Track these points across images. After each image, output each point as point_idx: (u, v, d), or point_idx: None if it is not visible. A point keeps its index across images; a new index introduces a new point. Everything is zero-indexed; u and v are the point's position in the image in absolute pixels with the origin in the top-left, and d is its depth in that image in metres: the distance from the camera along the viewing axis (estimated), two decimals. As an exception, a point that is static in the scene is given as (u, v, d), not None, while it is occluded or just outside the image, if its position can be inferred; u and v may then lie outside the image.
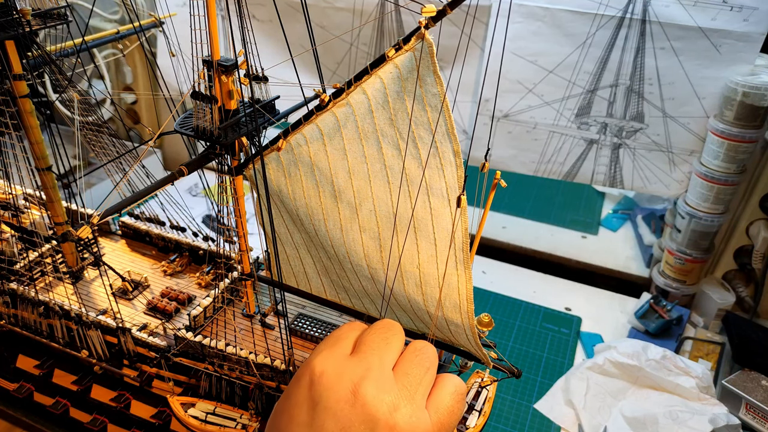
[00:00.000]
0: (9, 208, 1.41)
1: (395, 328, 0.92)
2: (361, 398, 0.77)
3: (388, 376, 0.82)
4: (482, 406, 1.14)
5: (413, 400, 0.80)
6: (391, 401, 0.78)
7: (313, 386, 0.80)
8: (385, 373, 0.82)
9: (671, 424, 1.63)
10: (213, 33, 0.95)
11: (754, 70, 1.89)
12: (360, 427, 0.75)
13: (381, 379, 0.80)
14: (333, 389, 0.79)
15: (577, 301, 2.26)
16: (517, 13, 2.04)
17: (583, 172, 2.27)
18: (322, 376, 0.81)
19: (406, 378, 0.83)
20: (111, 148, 1.46)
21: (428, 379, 0.85)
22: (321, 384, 0.80)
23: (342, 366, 0.82)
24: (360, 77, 0.92)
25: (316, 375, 0.81)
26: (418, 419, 0.78)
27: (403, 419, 0.77)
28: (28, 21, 1.16)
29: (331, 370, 0.81)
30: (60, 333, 1.34)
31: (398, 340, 0.89)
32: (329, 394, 0.78)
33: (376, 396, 0.77)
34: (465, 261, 0.96)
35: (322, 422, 0.77)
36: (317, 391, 0.79)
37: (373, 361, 0.83)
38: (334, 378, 0.80)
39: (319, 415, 0.77)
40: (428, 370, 0.86)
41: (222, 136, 1.04)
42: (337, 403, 0.77)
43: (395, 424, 0.76)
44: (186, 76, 1.11)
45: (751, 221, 2.08)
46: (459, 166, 0.91)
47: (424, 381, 0.84)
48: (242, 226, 1.19)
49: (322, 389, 0.79)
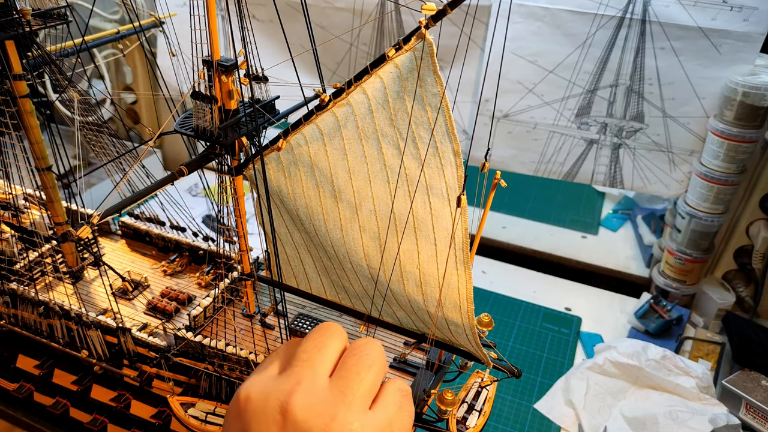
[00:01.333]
0: (9, 208, 1.41)
1: (331, 330, 0.82)
2: (291, 416, 0.69)
3: (320, 385, 0.73)
4: (482, 406, 1.14)
5: (351, 404, 0.71)
6: (325, 411, 0.70)
7: (241, 415, 0.73)
8: (318, 383, 0.73)
9: (671, 424, 1.63)
10: (213, 33, 0.95)
11: (754, 70, 1.89)
12: None
13: (312, 390, 0.72)
14: (260, 413, 0.71)
15: (577, 301, 2.26)
16: (517, 13, 2.04)
17: (583, 172, 2.27)
18: (248, 402, 0.73)
19: (343, 381, 0.74)
20: (111, 148, 1.46)
21: (371, 378, 0.76)
22: (248, 411, 0.72)
23: (268, 386, 0.74)
24: (360, 77, 0.92)
25: (241, 402, 0.74)
26: (361, 426, 0.70)
27: (342, 428, 0.69)
28: (28, 21, 1.16)
29: (256, 393, 0.73)
30: (60, 333, 1.34)
31: (335, 343, 0.80)
32: (257, 420, 0.71)
33: (307, 409, 0.69)
34: (465, 261, 0.96)
35: None
36: (245, 420, 0.72)
37: (303, 373, 0.74)
38: (260, 401, 0.72)
39: None
40: (370, 368, 0.76)
41: (222, 136, 1.04)
42: (267, 428, 0.70)
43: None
44: (186, 76, 1.11)
45: (751, 221, 2.08)
46: (459, 166, 0.91)
47: (365, 381, 0.75)
48: (242, 226, 1.19)
49: (250, 416, 0.72)
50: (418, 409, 1.15)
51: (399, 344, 1.29)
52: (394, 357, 1.25)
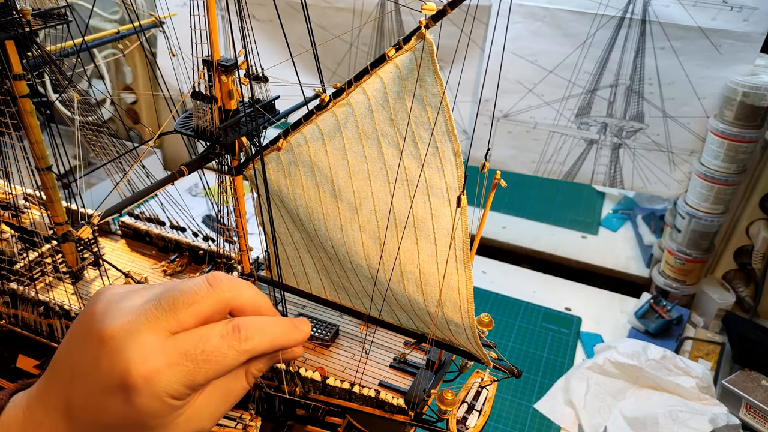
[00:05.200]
0: (9, 208, 1.40)
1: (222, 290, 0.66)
2: (78, 319, 0.63)
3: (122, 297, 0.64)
4: (482, 406, 1.14)
5: (138, 311, 0.61)
6: (101, 309, 0.62)
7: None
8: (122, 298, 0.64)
9: (671, 424, 1.63)
10: (213, 33, 0.95)
11: (754, 70, 1.89)
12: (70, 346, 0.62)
13: (111, 300, 0.63)
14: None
15: (577, 301, 2.26)
16: (517, 13, 2.04)
17: (583, 172, 2.27)
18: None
19: (149, 297, 0.64)
20: (111, 148, 1.46)
21: (182, 296, 0.63)
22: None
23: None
24: (360, 77, 0.92)
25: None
26: (149, 354, 0.59)
27: (111, 322, 0.60)
28: (28, 21, 1.16)
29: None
30: (60, 333, 1.34)
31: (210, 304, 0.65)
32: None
33: (89, 307, 0.62)
34: (465, 261, 0.96)
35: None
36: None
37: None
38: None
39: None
40: (193, 291, 0.64)
41: (222, 136, 1.04)
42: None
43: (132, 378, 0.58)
44: (186, 76, 1.11)
45: (751, 221, 2.08)
46: (459, 165, 0.91)
47: (176, 298, 0.63)
48: (242, 226, 1.19)
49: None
50: (418, 409, 1.15)
51: (399, 344, 1.29)
52: (394, 357, 1.26)
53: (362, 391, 1.14)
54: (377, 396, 1.14)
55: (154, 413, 0.60)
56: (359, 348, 1.28)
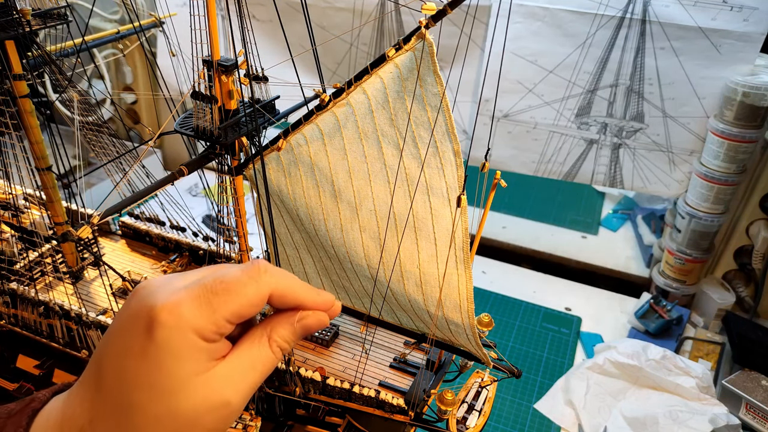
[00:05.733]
0: (9, 208, 1.41)
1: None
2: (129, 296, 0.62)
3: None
4: (482, 406, 1.14)
5: (193, 294, 0.60)
6: (147, 282, 0.63)
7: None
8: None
9: (671, 424, 1.63)
10: (213, 33, 0.95)
11: (754, 70, 1.89)
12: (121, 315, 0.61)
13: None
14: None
15: (577, 301, 2.26)
16: (517, 13, 2.04)
17: (583, 172, 2.27)
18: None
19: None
20: (111, 148, 1.46)
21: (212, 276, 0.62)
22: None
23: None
24: (360, 77, 0.92)
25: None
26: (180, 298, 0.59)
27: (163, 302, 0.59)
28: (28, 21, 1.16)
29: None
30: (60, 333, 1.34)
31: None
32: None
33: (138, 287, 0.62)
34: (465, 261, 0.96)
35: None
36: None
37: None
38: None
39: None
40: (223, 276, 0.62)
41: (222, 136, 1.04)
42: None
43: (157, 310, 0.58)
44: (186, 76, 1.11)
45: (751, 221, 2.08)
46: (459, 165, 0.91)
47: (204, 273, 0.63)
48: (242, 226, 1.19)
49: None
50: (418, 409, 1.15)
51: (399, 344, 1.29)
52: (394, 357, 1.26)
53: (362, 391, 1.14)
54: (377, 396, 1.14)
55: (176, 350, 0.58)
56: (359, 348, 1.28)
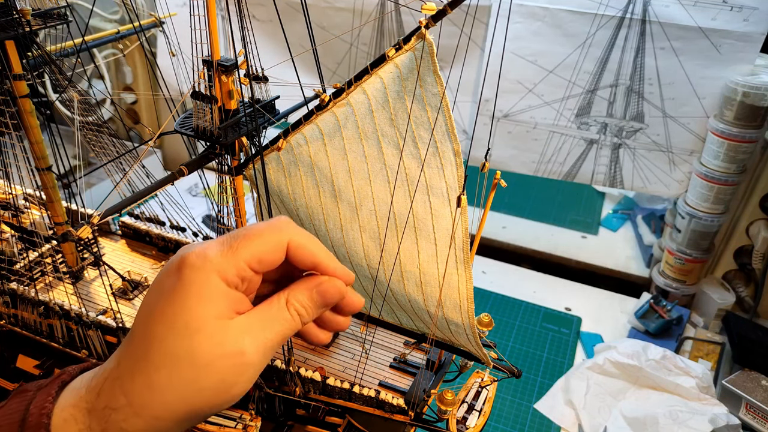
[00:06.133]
0: (9, 208, 1.41)
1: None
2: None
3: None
4: (482, 406, 1.14)
5: (217, 241, 0.65)
6: (192, 245, 0.66)
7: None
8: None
9: (671, 424, 1.63)
10: (213, 33, 0.95)
11: (754, 70, 1.89)
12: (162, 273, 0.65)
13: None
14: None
15: (577, 301, 2.26)
16: (517, 13, 2.04)
17: (583, 172, 2.27)
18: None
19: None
20: (111, 148, 1.46)
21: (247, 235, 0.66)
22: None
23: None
24: (360, 77, 0.92)
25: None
26: (208, 245, 0.64)
27: (192, 250, 0.63)
28: (28, 21, 1.16)
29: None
30: (60, 333, 1.34)
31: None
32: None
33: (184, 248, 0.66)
34: (465, 261, 0.96)
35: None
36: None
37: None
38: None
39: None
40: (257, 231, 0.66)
41: (222, 136, 1.04)
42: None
43: (185, 256, 0.63)
44: (186, 76, 1.11)
45: (751, 221, 2.08)
46: (459, 165, 0.91)
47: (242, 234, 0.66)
48: (242, 226, 1.19)
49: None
50: (418, 409, 1.15)
51: (399, 344, 1.29)
52: (394, 357, 1.26)
53: (362, 391, 1.14)
54: (377, 396, 1.14)
55: (199, 290, 0.61)
56: (359, 348, 1.28)
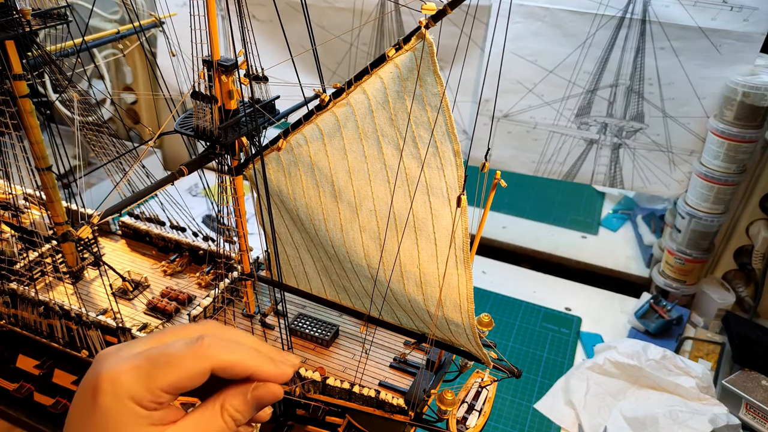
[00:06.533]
0: (9, 208, 1.41)
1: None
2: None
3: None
4: (482, 406, 1.14)
5: (133, 364, 0.64)
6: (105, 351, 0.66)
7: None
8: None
9: (671, 424, 1.63)
10: (213, 33, 0.95)
11: (754, 70, 1.89)
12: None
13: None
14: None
15: (577, 301, 2.26)
16: (517, 13, 2.04)
17: (583, 172, 2.27)
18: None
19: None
20: (111, 148, 1.46)
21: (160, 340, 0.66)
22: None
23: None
24: (360, 77, 0.92)
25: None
26: (122, 365, 0.62)
27: (106, 371, 0.62)
28: (28, 21, 1.16)
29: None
30: (60, 333, 1.34)
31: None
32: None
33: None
34: (465, 261, 0.96)
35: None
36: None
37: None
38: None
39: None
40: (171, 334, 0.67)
41: (222, 136, 1.04)
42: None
43: (99, 379, 0.62)
44: (186, 76, 1.11)
45: (751, 221, 2.08)
46: (459, 165, 0.91)
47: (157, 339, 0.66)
48: (242, 226, 1.19)
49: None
50: (418, 409, 1.15)
51: (399, 344, 1.29)
52: (394, 357, 1.26)
53: (362, 391, 1.14)
54: (377, 396, 1.14)
55: (116, 416, 0.61)
56: (359, 348, 1.28)
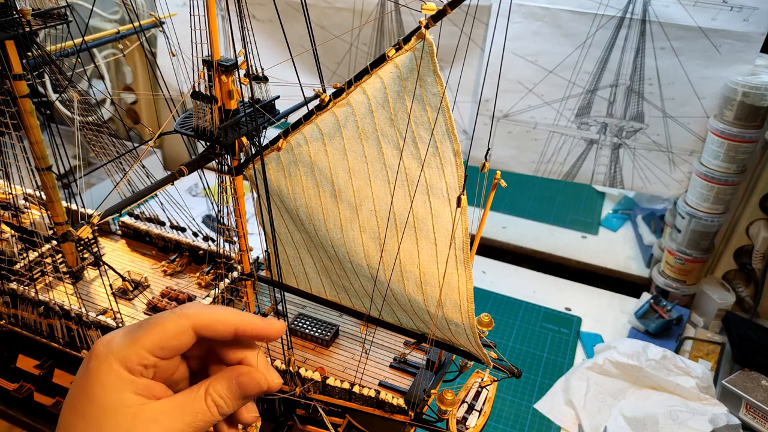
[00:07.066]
0: (9, 208, 1.41)
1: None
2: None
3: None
4: (482, 406, 1.14)
5: (124, 330, 0.67)
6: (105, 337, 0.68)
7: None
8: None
9: (671, 424, 1.63)
10: (213, 33, 0.95)
11: (754, 70, 1.89)
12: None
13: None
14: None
15: (577, 301, 2.26)
16: (517, 13, 2.04)
17: (583, 172, 2.27)
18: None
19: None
20: (111, 148, 1.46)
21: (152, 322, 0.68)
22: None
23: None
24: (360, 77, 0.92)
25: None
26: (117, 333, 0.66)
27: (102, 338, 0.66)
28: (28, 21, 1.16)
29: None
30: (60, 333, 1.34)
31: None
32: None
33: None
34: (465, 261, 0.96)
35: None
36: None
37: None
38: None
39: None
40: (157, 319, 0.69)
41: (222, 136, 1.04)
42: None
43: (95, 344, 0.66)
44: (186, 76, 1.11)
45: (751, 221, 2.08)
46: (459, 166, 0.91)
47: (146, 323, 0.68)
48: (242, 226, 1.19)
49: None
50: (418, 409, 1.15)
51: (399, 344, 1.29)
52: (394, 357, 1.26)
53: (362, 391, 1.14)
54: (377, 396, 1.14)
55: (102, 379, 0.63)
56: (359, 348, 1.28)
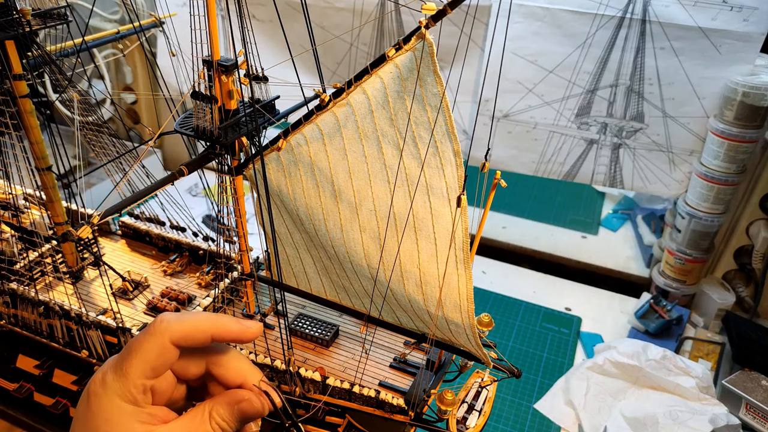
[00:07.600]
0: (9, 208, 1.41)
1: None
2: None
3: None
4: (482, 406, 1.14)
5: (112, 363, 0.69)
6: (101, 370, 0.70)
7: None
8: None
9: (671, 424, 1.63)
10: (213, 33, 0.95)
11: (754, 70, 1.89)
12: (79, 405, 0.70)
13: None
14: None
15: (577, 301, 2.26)
16: (517, 13, 2.04)
17: (583, 172, 2.27)
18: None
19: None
20: (111, 148, 1.46)
21: (139, 344, 0.69)
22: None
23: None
24: (360, 77, 0.92)
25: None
26: (107, 369, 0.68)
27: (96, 376, 0.68)
28: (28, 21, 1.16)
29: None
30: (60, 333, 1.34)
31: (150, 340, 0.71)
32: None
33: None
34: (465, 261, 0.96)
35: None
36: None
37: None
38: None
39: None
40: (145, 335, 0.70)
41: (222, 136, 1.04)
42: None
43: (90, 383, 0.68)
44: (186, 76, 1.11)
45: (751, 221, 2.08)
46: (459, 165, 0.91)
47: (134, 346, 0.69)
48: (242, 226, 1.19)
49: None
50: (418, 409, 1.15)
51: (399, 344, 1.29)
52: (394, 357, 1.26)
53: (362, 391, 1.14)
54: (377, 396, 1.14)
55: (106, 415, 0.66)
56: (359, 348, 1.28)
